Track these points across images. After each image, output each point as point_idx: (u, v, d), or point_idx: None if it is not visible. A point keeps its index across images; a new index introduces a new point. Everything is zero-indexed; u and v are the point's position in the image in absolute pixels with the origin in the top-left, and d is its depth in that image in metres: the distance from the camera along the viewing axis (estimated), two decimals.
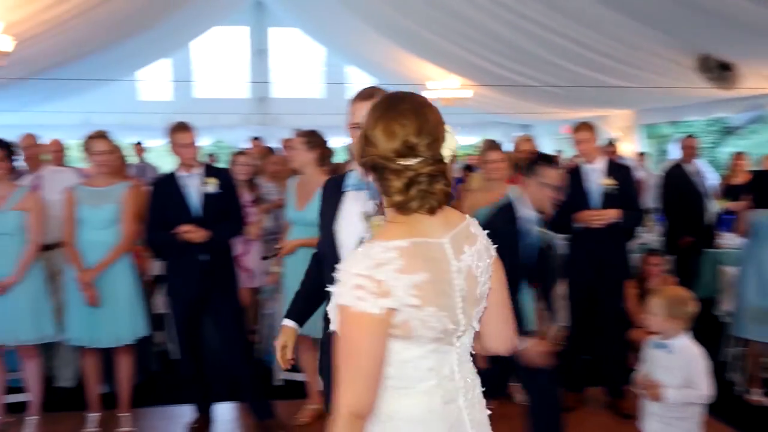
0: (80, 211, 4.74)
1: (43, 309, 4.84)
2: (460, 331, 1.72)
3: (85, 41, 10.60)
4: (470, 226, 1.78)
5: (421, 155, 1.66)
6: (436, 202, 1.68)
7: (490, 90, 12.99)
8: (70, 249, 4.75)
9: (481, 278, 1.75)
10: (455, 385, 1.74)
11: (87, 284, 4.65)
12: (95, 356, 4.95)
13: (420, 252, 1.64)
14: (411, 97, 1.74)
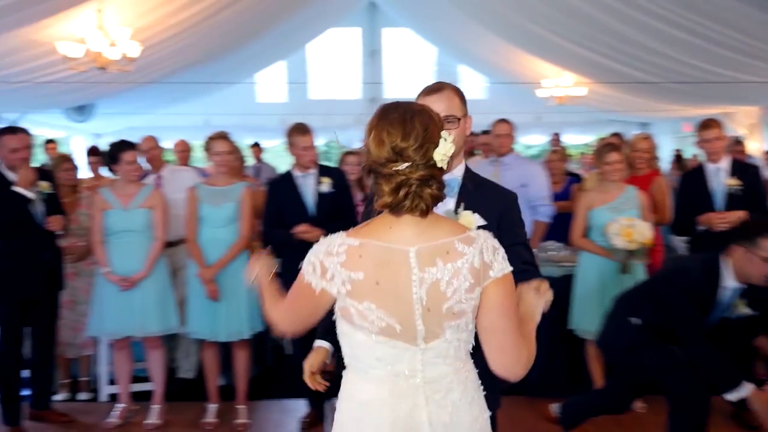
0: (201, 209, 4.94)
1: (168, 302, 5.07)
2: (419, 336, 1.84)
3: (207, 46, 11.01)
4: (457, 243, 1.83)
5: (409, 160, 1.79)
6: (425, 205, 1.80)
7: (605, 87, 12.64)
8: (192, 246, 4.95)
9: (453, 295, 1.81)
10: (414, 383, 1.87)
11: (208, 280, 4.84)
12: (214, 349, 5.13)
13: (369, 254, 1.82)
14: (403, 106, 1.87)
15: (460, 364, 1.92)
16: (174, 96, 14.19)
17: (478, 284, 1.84)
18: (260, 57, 14.54)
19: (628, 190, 5.11)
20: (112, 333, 5.03)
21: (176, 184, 5.82)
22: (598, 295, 5.02)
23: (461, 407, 1.91)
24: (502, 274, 1.85)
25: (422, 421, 1.87)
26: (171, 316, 5.06)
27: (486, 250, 1.85)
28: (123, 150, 4.96)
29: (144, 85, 11.44)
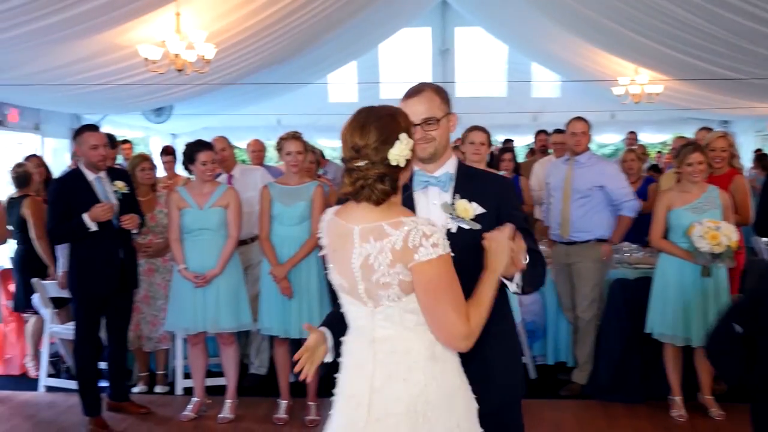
0: (273, 208, 5.01)
1: (241, 300, 5.17)
2: (366, 299, 2.20)
3: (280, 47, 11.16)
4: (386, 226, 2.12)
5: (367, 158, 2.13)
6: (376, 197, 2.14)
7: (683, 84, 12.29)
8: (265, 243, 5.03)
9: (379, 269, 2.13)
10: (367, 338, 2.24)
11: (281, 278, 4.91)
12: (286, 346, 5.20)
13: (332, 226, 2.28)
14: (369, 110, 2.21)
15: (408, 333, 2.21)
16: (247, 97, 14.43)
17: (400, 262, 2.11)
18: (332, 58, 14.64)
19: (709, 190, 4.97)
20: (187, 329, 5.15)
21: (247, 183, 5.91)
22: (678, 298, 4.90)
23: (399, 370, 2.19)
24: (427, 259, 2.09)
25: (368, 371, 2.22)
26: (244, 313, 5.15)
27: (413, 236, 2.10)
28: (199, 150, 5.08)
29: (219, 87, 11.67)
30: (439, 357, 2.22)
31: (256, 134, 9.22)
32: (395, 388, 2.19)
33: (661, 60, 11.30)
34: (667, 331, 4.93)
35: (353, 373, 2.29)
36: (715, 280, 4.83)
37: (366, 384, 2.23)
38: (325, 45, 12.86)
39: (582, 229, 5.52)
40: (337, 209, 2.31)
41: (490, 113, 14.66)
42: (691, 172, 4.90)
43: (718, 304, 4.78)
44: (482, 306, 2.21)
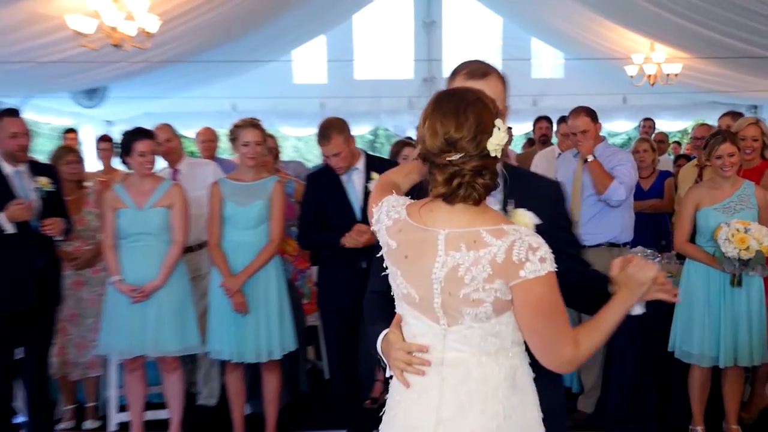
0: (225, 208, 4.96)
1: (187, 317, 5.12)
2: (440, 316, 2.20)
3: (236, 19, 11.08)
4: (485, 233, 2.12)
5: (463, 151, 2.11)
6: (477, 194, 2.14)
7: (705, 62, 12.37)
8: (215, 251, 4.98)
9: (471, 283, 2.11)
10: (434, 359, 2.24)
11: (235, 291, 4.86)
12: (240, 372, 5.15)
13: (406, 229, 2.23)
14: (458, 94, 2.19)
15: (485, 359, 2.21)
16: (197, 77, 14.33)
17: (501, 278, 2.10)
18: (297, 31, 14.57)
19: (744, 186, 4.97)
20: (122, 352, 5.09)
21: (195, 179, 5.86)
22: (705, 311, 4.90)
23: (474, 400, 2.20)
24: (535, 276, 2.09)
25: (433, 399, 2.23)
26: (190, 333, 5.10)
27: (518, 248, 2.09)
28: (135, 139, 5.02)
29: (163, 65, 11.58)
30: (519, 387, 2.26)
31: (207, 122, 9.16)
32: (469, 420, 2.21)
33: (680, 35, 11.37)
34: (694, 349, 4.94)
35: (412, 399, 2.29)
36: (747, 291, 4.84)
37: (431, 414, 2.24)
38: (289, 16, 12.80)
39: (593, 231, 5.53)
40: (409, 205, 2.28)
41: None
42: (721, 166, 4.90)
43: (750, 318, 4.80)
44: (599, 333, 2.27)
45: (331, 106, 15.11)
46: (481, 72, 2.57)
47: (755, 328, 4.82)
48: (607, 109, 14.52)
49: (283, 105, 16.18)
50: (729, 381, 5.02)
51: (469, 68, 2.60)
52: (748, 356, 4.84)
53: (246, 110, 15.52)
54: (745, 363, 4.91)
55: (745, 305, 4.85)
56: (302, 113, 16.36)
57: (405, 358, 2.29)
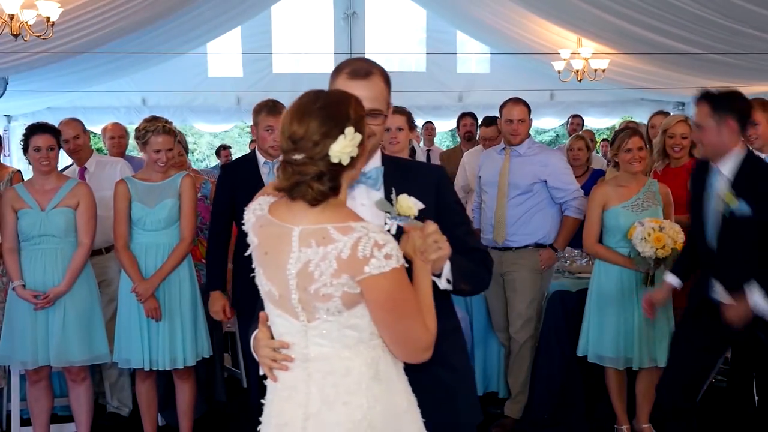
0: (133, 210, 4.90)
1: (94, 325, 5.04)
2: (299, 312, 2.30)
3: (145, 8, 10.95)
4: (332, 229, 2.22)
5: (304, 152, 2.22)
6: (311, 197, 2.24)
7: (633, 59, 12.68)
8: (123, 254, 4.92)
9: (320, 278, 2.22)
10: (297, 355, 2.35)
11: (147, 296, 4.81)
12: (152, 381, 5.10)
13: (264, 224, 2.36)
14: (315, 96, 2.30)
15: (347, 352, 2.32)
16: (104, 69, 14.06)
17: (346, 273, 2.21)
18: (213, 22, 14.44)
19: (648, 183, 5.12)
20: (24, 362, 4.98)
21: (103, 178, 5.79)
22: (618, 313, 5.02)
23: (338, 393, 2.30)
24: (379, 272, 2.20)
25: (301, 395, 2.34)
26: (98, 341, 5.03)
27: (364, 244, 2.19)
28: (32, 133, 4.93)
29: (67, 56, 11.35)
30: (383, 377, 2.35)
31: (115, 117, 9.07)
32: (334, 413, 2.31)
33: (607, 30, 11.62)
34: (607, 352, 5.06)
35: (282, 397, 2.39)
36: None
37: (299, 410, 2.34)
38: (204, 5, 12.68)
39: (520, 232, 5.57)
40: (271, 203, 2.39)
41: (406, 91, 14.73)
42: (630, 160, 5.04)
43: (664, 318, 4.94)
44: (430, 306, 2.37)
45: (248, 100, 15.01)
46: (363, 71, 2.62)
47: (671, 328, 4.95)
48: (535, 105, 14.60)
49: (197, 99, 16.04)
50: (645, 382, 5.13)
51: (352, 67, 2.65)
52: (666, 356, 4.96)
53: (157, 105, 15.40)
54: (665, 363, 5.05)
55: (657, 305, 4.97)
56: (218, 108, 16.23)
57: (270, 355, 2.40)
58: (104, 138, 7.04)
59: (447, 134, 15.52)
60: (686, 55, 11.31)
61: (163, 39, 13.38)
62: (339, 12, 17.29)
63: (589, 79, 13.04)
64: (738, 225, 4.08)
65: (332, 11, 17.39)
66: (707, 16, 9.62)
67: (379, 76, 2.65)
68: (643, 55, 12.20)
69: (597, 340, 5.10)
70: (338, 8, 17.27)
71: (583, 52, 12.82)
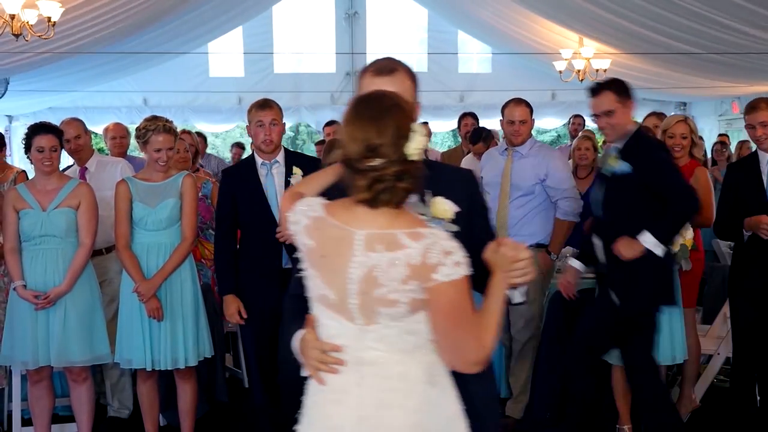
0: (135, 210, 4.90)
1: (96, 324, 5.04)
2: (356, 315, 2.31)
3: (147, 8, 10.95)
4: (402, 235, 2.23)
5: (384, 156, 2.22)
6: (398, 198, 2.27)
7: (634, 59, 12.67)
8: (125, 254, 4.91)
9: (388, 283, 2.23)
10: (349, 358, 2.35)
11: (150, 296, 4.81)
12: (153, 381, 5.10)
13: (321, 225, 2.34)
14: (376, 101, 2.32)
15: (404, 356, 2.34)
16: (106, 70, 14.09)
17: (416, 279, 2.22)
18: (214, 22, 14.45)
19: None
20: (26, 362, 4.98)
21: (104, 178, 5.77)
22: None
23: (394, 397, 2.32)
24: (449, 279, 2.22)
25: (353, 398, 2.34)
26: (99, 341, 5.03)
27: (433, 251, 2.21)
28: (35, 134, 4.92)
29: (69, 56, 11.36)
30: (438, 382, 2.38)
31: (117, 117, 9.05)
32: (389, 417, 2.32)
33: (609, 30, 11.61)
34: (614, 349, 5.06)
35: (330, 400, 2.40)
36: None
37: (350, 413, 2.34)
38: (205, 5, 12.69)
39: (521, 232, 5.56)
40: (327, 205, 2.39)
41: None
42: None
43: (670, 316, 4.94)
44: (492, 324, 2.36)
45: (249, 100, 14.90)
46: (387, 69, 2.69)
47: (675, 326, 4.96)
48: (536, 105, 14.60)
49: (198, 99, 16.03)
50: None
51: (376, 66, 2.73)
52: (669, 354, 4.98)
53: (159, 105, 15.39)
54: (668, 362, 5.05)
55: None
56: (219, 108, 16.23)
57: (319, 357, 2.38)
58: (106, 138, 7.03)
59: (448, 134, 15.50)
60: (688, 54, 11.31)
61: (165, 39, 13.39)
62: (340, 12, 17.29)
63: (591, 79, 12.99)
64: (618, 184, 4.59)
65: (333, 11, 17.39)
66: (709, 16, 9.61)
67: (405, 73, 2.71)
68: (644, 55, 12.20)
69: None
70: (339, 8, 17.28)
71: (584, 51, 12.81)
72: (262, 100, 4.91)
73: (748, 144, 11.44)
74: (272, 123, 4.84)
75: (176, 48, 14.34)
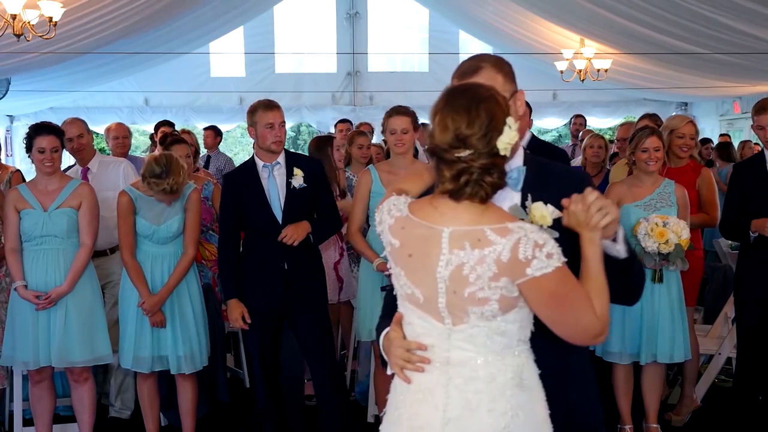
0: (138, 226, 4.92)
1: (97, 325, 5.03)
2: (445, 315, 2.27)
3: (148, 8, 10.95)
4: (489, 231, 2.18)
5: (472, 148, 2.18)
6: (485, 193, 2.21)
7: (635, 59, 12.67)
8: (131, 265, 4.93)
9: (476, 281, 2.19)
10: (439, 359, 2.32)
11: (155, 311, 4.85)
12: (153, 381, 5.10)
13: (410, 227, 2.30)
14: (470, 91, 2.25)
15: (492, 358, 2.29)
16: (107, 70, 14.10)
17: (506, 276, 2.17)
18: (215, 22, 14.46)
19: (664, 184, 5.12)
20: (27, 362, 4.97)
21: (106, 179, 5.78)
22: (624, 308, 5.00)
23: (481, 400, 2.27)
24: (542, 273, 2.16)
25: (440, 399, 2.30)
26: (101, 341, 5.02)
27: (524, 246, 2.15)
28: (37, 134, 4.91)
29: (70, 56, 11.36)
30: (527, 385, 2.33)
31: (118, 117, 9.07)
32: (476, 419, 2.28)
33: (610, 30, 11.61)
34: (613, 348, 5.06)
35: (416, 399, 2.36)
36: (668, 287, 4.99)
37: (437, 414, 2.30)
38: (206, 5, 12.69)
39: None
40: (411, 203, 2.37)
41: (408, 92, 14.79)
42: (646, 160, 5.03)
43: (672, 315, 4.95)
44: (601, 287, 2.28)
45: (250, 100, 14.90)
46: (471, 70, 2.57)
47: (677, 325, 4.97)
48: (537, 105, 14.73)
49: (199, 99, 16.03)
50: (648, 378, 5.16)
51: (460, 69, 2.62)
52: (668, 353, 4.99)
53: (160, 105, 15.43)
54: (666, 360, 5.05)
55: (666, 301, 4.99)
56: (220, 108, 16.23)
57: (404, 356, 2.36)
58: (107, 138, 7.04)
59: None
60: (689, 54, 11.30)
61: (166, 39, 13.39)
62: (341, 12, 17.30)
63: (592, 79, 13.03)
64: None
65: (334, 11, 17.40)
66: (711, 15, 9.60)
67: (491, 67, 2.59)
68: (645, 55, 12.19)
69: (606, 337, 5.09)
70: (341, 8, 17.28)
71: (585, 52, 12.81)
72: (267, 101, 4.89)
73: (750, 144, 11.46)
74: (281, 124, 4.84)
75: (177, 48, 14.34)
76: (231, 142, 18.75)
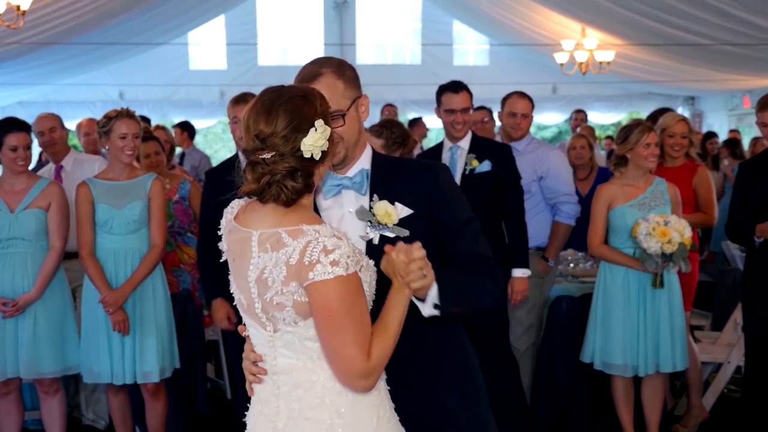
0: (98, 212, 4.83)
1: (67, 333, 4.99)
2: (265, 321, 2.31)
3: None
4: (284, 233, 2.23)
5: (274, 149, 2.23)
6: (286, 197, 2.24)
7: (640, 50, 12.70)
8: (88, 261, 4.83)
9: (273, 285, 2.23)
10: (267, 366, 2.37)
11: (116, 307, 4.78)
12: (124, 394, 5.07)
13: (232, 230, 2.40)
14: (279, 91, 2.31)
15: (310, 364, 2.31)
16: (79, 61, 14.09)
17: (294, 280, 2.21)
18: (194, 11, 14.45)
19: (656, 182, 5.12)
20: None
21: (82, 177, 5.71)
22: (625, 317, 5.01)
23: (302, 408, 2.31)
24: (321, 279, 2.17)
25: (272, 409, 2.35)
26: (71, 351, 4.97)
27: (312, 249, 2.18)
28: (8, 131, 4.88)
29: (39, 47, 11.35)
30: (351, 392, 2.31)
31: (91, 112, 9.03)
32: (298, 428, 2.31)
33: (613, 19, 11.65)
34: (616, 360, 5.06)
35: (256, 411, 2.44)
36: (668, 293, 4.98)
37: (269, 425, 2.36)
38: None
39: None
40: (241, 207, 2.43)
41: (399, 85, 14.78)
42: (647, 156, 5.04)
43: (672, 322, 4.95)
44: (388, 336, 2.28)
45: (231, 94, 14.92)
46: (310, 76, 2.60)
47: (677, 332, 4.97)
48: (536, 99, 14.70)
49: (178, 93, 16.03)
50: (649, 390, 5.16)
51: (300, 75, 2.66)
52: (670, 362, 4.98)
53: (135, 99, 15.40)
54: (669, 369, 5.05)
55: (666, 308, 4.97)
56: (200, 102, 16.22)
57: (249, 368, 2.42)
58: (79, 134, 7.01)
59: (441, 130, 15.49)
60: (696, 46, 11.34)
61: (142, 29, 13.37)
62: (329, 1, 17.29)
63: (594, 72, 13.07)
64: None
65: (321, 0, 17.40)
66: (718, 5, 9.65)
67: (331, 73, 2.61)
68: (651, 47, 12.23)
69: (604, 347, 5.10)
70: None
71: (587, 43, 12.83)
72: (240, 95, 4.88)
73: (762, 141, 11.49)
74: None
75: (154, 38, 14.32)
76: (211, 138, 18.70)
